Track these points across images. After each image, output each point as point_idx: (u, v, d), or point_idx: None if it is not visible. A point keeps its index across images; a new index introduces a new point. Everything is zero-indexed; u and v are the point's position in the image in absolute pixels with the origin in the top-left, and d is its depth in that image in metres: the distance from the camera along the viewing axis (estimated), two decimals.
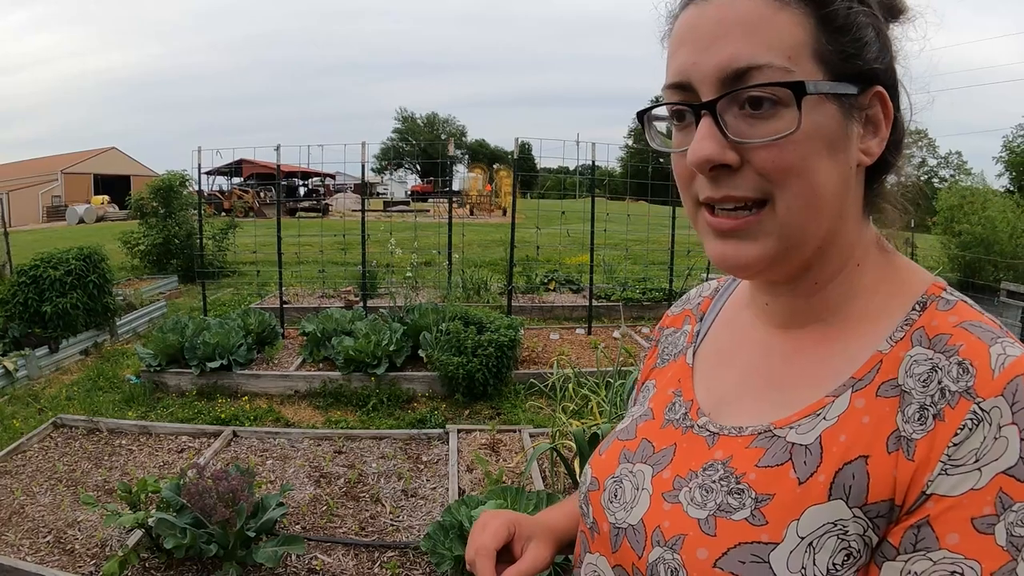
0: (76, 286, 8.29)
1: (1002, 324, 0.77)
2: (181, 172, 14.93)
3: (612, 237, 11.48)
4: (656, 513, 0.85)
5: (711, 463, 0.84)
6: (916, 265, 0.86)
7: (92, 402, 6.76)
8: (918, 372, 0.73)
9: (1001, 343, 0.71)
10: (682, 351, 1.05)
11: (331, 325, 7.94)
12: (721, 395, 0.92)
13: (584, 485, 1.01)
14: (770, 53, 0.73)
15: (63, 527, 4.27)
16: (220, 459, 5.30)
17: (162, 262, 14.62)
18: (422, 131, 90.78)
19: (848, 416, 0.75)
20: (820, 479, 0.73)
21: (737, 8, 0.75)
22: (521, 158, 10.65)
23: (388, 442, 5.70)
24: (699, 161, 0.75)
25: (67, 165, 46.16)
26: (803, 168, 0.74)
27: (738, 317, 1.00)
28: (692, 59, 0.77)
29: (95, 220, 36.05)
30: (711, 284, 1.13)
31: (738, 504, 0.78)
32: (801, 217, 0.76)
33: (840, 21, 0.75)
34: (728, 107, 0.75)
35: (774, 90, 0.73)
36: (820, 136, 0.75)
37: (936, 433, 0.68)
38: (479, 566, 1.03)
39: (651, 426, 0.97)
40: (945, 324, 0.75)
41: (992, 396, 0.67)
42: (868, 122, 0.79)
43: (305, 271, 11.90)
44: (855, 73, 0.76)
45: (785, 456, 0.77)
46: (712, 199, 0.78)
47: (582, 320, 10.13)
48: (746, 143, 0.74)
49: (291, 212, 24.58)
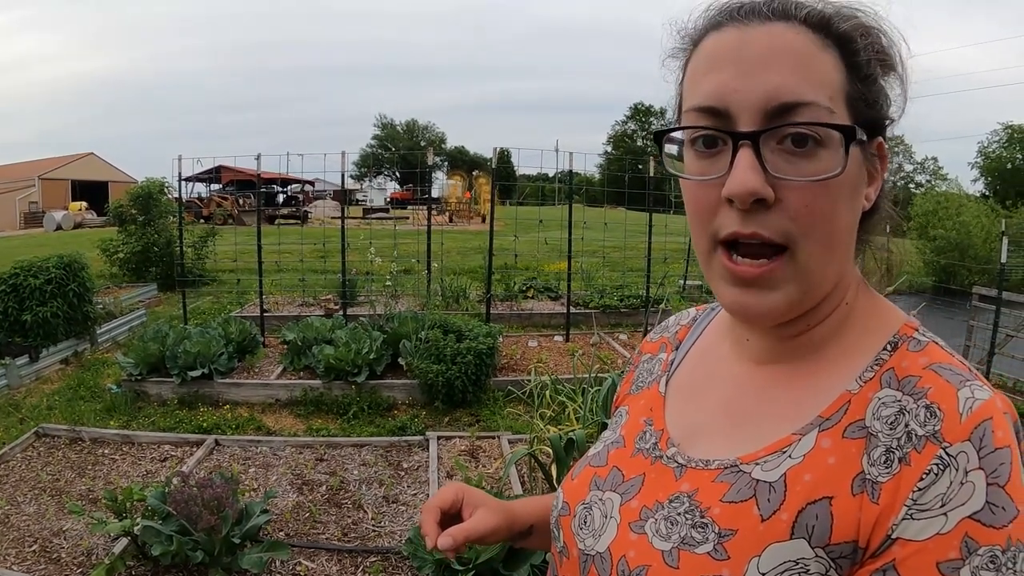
0: (56, 294, 8.26)
1: (971, 366, 0.77)
2: (160, 179, 14.88)
3: (590, 244, 11.59)
4: (623, 542, 0.86)
5: (677, 495, 0.84)
6: (891, 304, 0.86)
7: (74, 411, 6.77)
8: (885, 415, 0.73)
9: (970, 386, 0.71)
10: (656, 379, 1.04)
11: (311, 333, 7.98)
12: (691, 426, 0.92)
13: (556, 509, 1.01)
14: (816, 91, 0.72)
15: (49, 536, 4.32)
16: (203, 467, 5.36)
17: (141, 270, 14.52)
18: (401, 138, 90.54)
19: (814, 455, 0.75)
20: (783, 517, 0.73)
21: (787, 39, 0.74)
22: (500, 166, 10.76)
23: (369, 449, 5.79)
24: (745, 193, 0.72)
25: (45, 171, 45.75)
26: (832, 213, 0.74)
27: (714, 348, 0.99)
28: (733, 84, 0.74)
29: (73, 227, 35.72)
30: (690, 313, 1.13)
31: (701, 538, 0.77)
32: (820, 263, 0.76)
33: (865, 70, 0.76)
34: (767, 141, 0.73)
35: (821, 130, 0.72)
36: (851, 182, 0.75)
37: (901, 477, 0.68)
38: (422, 520, 1.08)
39: (622, 454, 0.97)
40: (915, 366, 0.75)
41: (959, 441, 0.67)
42: (871, 169, 0.80)
43: (285, 279, 11.92)
44: (871, 122, 0.77)
45: (749, 492, 0.77)
46: (740, 234, 0.75)
47: (560, 327, 10.26)
48: (787, 180, 0.73)
49: (270, 219, 24.50)
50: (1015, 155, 42.52)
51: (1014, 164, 42.03)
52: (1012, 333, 8.26)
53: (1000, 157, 42.85)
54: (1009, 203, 24.93)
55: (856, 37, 0.76)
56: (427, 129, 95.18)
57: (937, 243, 16.07)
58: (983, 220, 17.24)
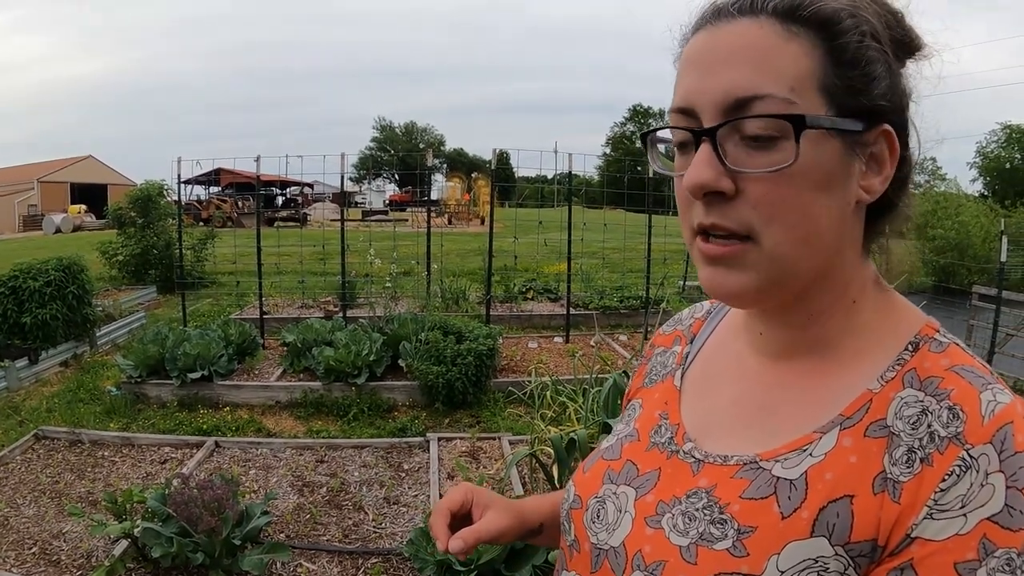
0: (56, 297, 8.26)
1: (991, 370, 0.76)
2: (159, 182, 14.89)
3: (589, 245, 11.57)
4: (638, 537, 0.85)
5: (695, 491, 0.83)
6: (911, 304, 0.85)
7: (73, 414, 6.76)
8: (907, 414, 0.73)
9: (992, 390, 0.71)
10: (670, 372, 1.04)
11: (311, 335, 7.98)
12: (708, 421, 0.91)
13: (567, 502, 1.00)
14: (773, 84, 0.73)
15: (48, 538, 4.31)
16: (203, 469, 5.35)
17: (140, 272, 14.53)
18: (400, 140, 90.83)
19: (835, 454, 0.75)
20: (803, 515, 0.73)
21: (746, 36, 0.75)
22: (499, 167, 10.76)
23: (370, 451, 5.78)
24: (693, 186, 0.75)
25: (43, 173, 45.85)
26: (797, 203, 0.74)
27: (730, 343, 0.98)
28: (696, 85, 0.77)
29: (72, 229, 35.75)
30: (704, 306, 1.12)
31: (720, 534, 0.77)
32: (791, 251, 0.75)
33: (850, 55, 0.74)
34: (730, 135, 0.74)
35: (773, 122, 0.73)
36: (818, 171, 0.74)
37: (923, 477, 0.68)
38: (432, 522, 1.06)
39: (636, 447, 0.96)
40: (937, 367, 0.75)
41: (981, 443, 0.67)
42: (872, 159, 0.78)
43: (284, 281, 11.90)
44: (861, 109, 0.75)
45: (769, 489, 0.77)
46: (703, 225, 0.77)
47: (560, 328, 10.25)
48: (743, 172, 0.74)
49: (269, 222, 24.49)
50: (1014, 155, 42.57)
51: (1013, 164, 42.07)
52: (1012, 332, 8.28)
53: (999, 157, 42.89)
54: (1008, 203, 24.95)
55: (837, 19, 0.74)
56: (426, 131, 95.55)
57: (936, 243, 16.07)
58: (982, 220, 17.23)
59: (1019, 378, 7.86)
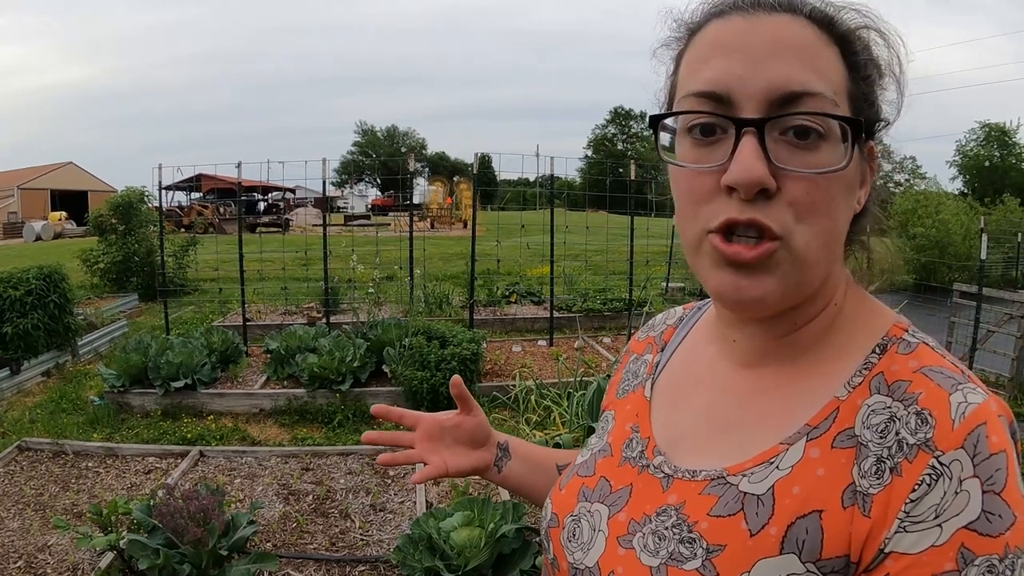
0: (37, 306, 8.20)
1: (964, 368, 0.74)
2: (140, 188, 14.78)
3: (572, 248, 11.60)
4: (611, 558, 0.84)
5: (664, 508, 0.82)
6: (880, 304, 0.84)
7: (56, 424, 6.72)
8: (875, 423, 0.71)
9: (962, 390, 0.69)
10: (641, 383, 1.02)
11: (295, 342, 7.97)
12: (678, 433, 0.89)
13: (545, 520, 0.99)
14: (823, 83, 0.72)
15: (33, 552, 4.29)
16: (188, 479, 5.34)
17: (122, 280, 14.41)
18: (382, 144, 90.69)
19: (802, 466, 0.73)
20: (772, 531, 0.71)
21: (791, 31, 0.73)
22: (481, 171, 10.78)
23: (355, 458, 5.78)
24: (750, 182, 0.70)
25: (23, 180, 45.42)
26: (830, 207, 0.73)
27: (701, 351, 0.96)
28: (738, 71, 0.72)
29: (52, 237, 35.42)
30: (676, 311, 1.10)
31: (690, 554, 0.75)
32: (814, 254, 0.74)
33: (863, 71, 0.76)
34: (770, 130, 0.71)
35: (823, 123, 0.71)
36: (851, 176, 0.74)
37: (893, 488, 0.66)
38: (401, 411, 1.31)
39: (609, 463, 0.95)
40: (905, 369, 0.73)
41: (952, 449, 0.65)
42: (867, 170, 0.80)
43: (267, 288, 11.87)
44: (869, 123, 0.77)
45: (737, 506, 0.75)
46: (736, 221, 0.72)
47: (544, 332, 10.27)
48: (790, 171, 0.71)
49: (251, 228, 24.39)
50: (992, 153, 42.92)
51: (992, 162, 42.43)
52: (993, 329, 8.37)
53: (978, 155, 43.21)
54: (987, 200, 25.28)
55: (855, 38, 0.76)
56: (407, 135, 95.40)
57: (917, 241, 16.23)
58: (962, 217, 17.47)
59: (1001, 374, 7.97)
